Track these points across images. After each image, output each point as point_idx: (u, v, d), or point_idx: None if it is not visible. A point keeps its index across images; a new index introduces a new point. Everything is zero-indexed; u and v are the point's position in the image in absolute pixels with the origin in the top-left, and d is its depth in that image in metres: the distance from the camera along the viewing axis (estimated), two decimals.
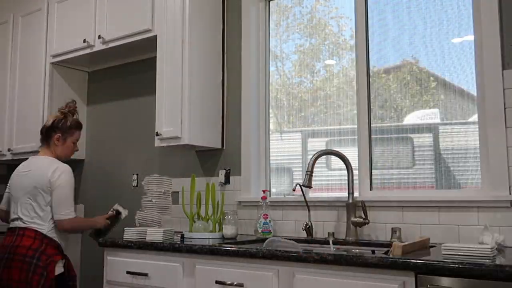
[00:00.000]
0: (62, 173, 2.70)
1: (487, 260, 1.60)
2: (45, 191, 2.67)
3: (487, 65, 2.26)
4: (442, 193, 2.40)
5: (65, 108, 2.92)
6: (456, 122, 2.45)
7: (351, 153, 2.68)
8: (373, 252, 2.32)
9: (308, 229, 2.62)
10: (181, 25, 2.91)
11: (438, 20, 2.53)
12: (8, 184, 2.90)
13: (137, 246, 2.48)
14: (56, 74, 3.66)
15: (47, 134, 2.84)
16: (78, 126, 2.93)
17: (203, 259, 2.25)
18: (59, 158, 2.83)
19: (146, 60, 3.53)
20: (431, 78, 2.53)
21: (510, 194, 2.15)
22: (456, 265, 1.58)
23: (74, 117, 2.92)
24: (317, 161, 2.48)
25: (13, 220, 2.73)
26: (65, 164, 2.76)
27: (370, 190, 2.61)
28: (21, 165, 2.86)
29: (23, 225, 2.65)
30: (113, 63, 3.71)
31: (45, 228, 2.64)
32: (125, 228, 2.69)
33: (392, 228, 2.35)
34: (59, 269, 2.60)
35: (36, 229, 2.62)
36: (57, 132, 2.83)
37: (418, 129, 2.55)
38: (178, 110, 2.86)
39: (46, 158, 2.78)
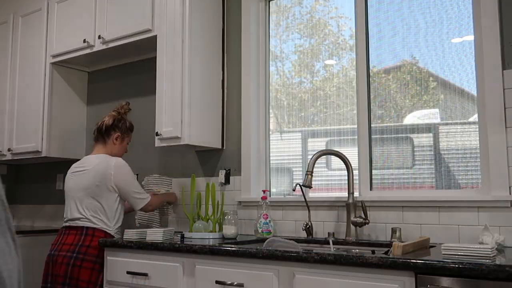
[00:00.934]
0: (122, 168, 2.76)
1: (487, 260, 1.60)
2: (109, 189, 2.71)
3: (487, 65, 2.26)
4: (442, 193, 2.40)
5: (121, 109, 2.99)
6: (456, 122, 2.45)
7: (351, 153, 2.68)
8: (373, 252, 2.32)
9: (308, 229, 2.62)
10: (181, 25, 2.91)
11: (438, 20, 2.53)
12: (63, 187, 2.93)
13: (137, 246, 2.48)
14: (56, 74, 3.66)
15: (106, 132, 2.88)
16: (132, 128, 3.04)
17: (203, 259, 2.25)
18: (113, 156, 2.87)
19: (146, 60, 3.53)
20: (431, 78, 2.53)
21: (510, 194, 2.15)
22: (456, 265, 1.58)
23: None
24: (317, 161, 2.48)
25: (73, 219, 2.72)
26: (119, 158, 2.83)
27: (370, 190, 2.61)
28: (75, 164, 2.87)
29: (91, 225, 2.68)
30: (113, 63, 3.71)
31: (112, 230, 2.72)
32: (125, 229, 2.69)
33: (392, 228, 2.35)
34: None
35: (106, 230, 2.69)
36: (116, 132, 2.90)
37: (418, 129, 2.54)
38: (178, 110, 2.86)
39: (100, 156, 2.81)
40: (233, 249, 2.12)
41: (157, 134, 2.92)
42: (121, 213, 2.79)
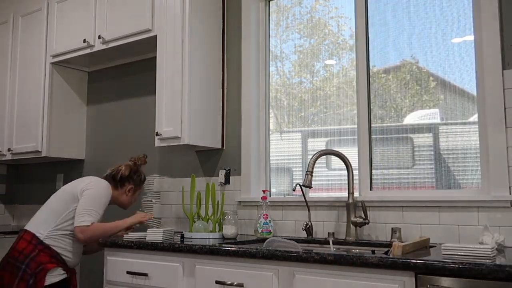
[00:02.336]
0: (96, 183, 2.63)
1: (487, 260, 1.60)
2: (74, 195, 2.59)
3: (487, 65, 2.26)
4: (442, 193, 2.40)
5: (138, 160, 2.90)
6: (456, 122, 2.45)
7: (351, 153, 2.68)
8: (373, 252, 2.32)
9: (308, 229, 2.61)
10: (181, 25, 2.91)
11: (438, 20, 2.53)
12: None
13: (137, 246, 2.48)
14: (56, 74, 3.66)
15: (120, 181, 2.79)
16: (145, 181, 2.95)
17: (203, 259, 2.25)
18: (118, 203, 2.82)
19: (146, 60, 3.53)
20: (431, 78, 2.53)
21: (510, 194, 2.15)
22: (456, 265, 1.57)
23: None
24: (317, 161, 2.48)
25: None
26: (104, 180, 2.72)
27: (370, 190, 2.61)
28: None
29: (26, 227, 2.61)
30: (113, 63, 3.71)
31: (43, 233, 2.53)
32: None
33: (392, 228, 2.35)
34: (52, 278, 2.46)
35: (34, 232, 2.53)
36: (130, 184, 2.82)
37: (418, 129, 2.54)
38: (178, 110, 2.86)
39: (94, 178, 2.72)
40: (233, 249, 2.12)
41: (157, 134, 2.92)
42: (69, 223, 2.55)
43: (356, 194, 2.58)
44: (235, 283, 2.10)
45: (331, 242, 2.45)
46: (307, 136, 2.95)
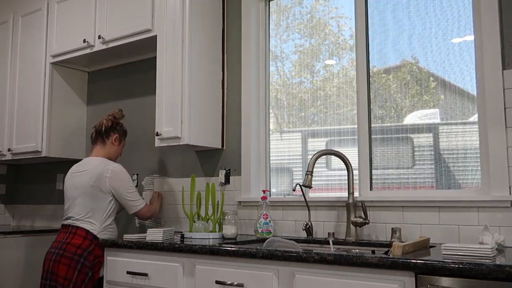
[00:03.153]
0: (119, 173, 2.84)
1: (487, 260, 1.60)
2: (103, 191, 2.79)
3: (487, 65, 2.26)
4: (442, 193, 2.40)
5: (116, 114, 3.09)
6: (456, 122, 2.45)
7: (351, 153, 2.68)
8: (373, 252, 2.32)
9: (308, 229, 2.62)
10: (181, 25, 2.91)
11: (438, 20, 2.53)
12: (63, 187, 3.00)
13: (137, 246, 2.48)
14: (56, 74, 3.66)
15: (106, 133, 2.98)
16: (126, 134, 3.15)
17: (203, 259, 2.25)
18: (110, 158, 2.98)
19: (146, 60, 3.53)
20: (431, 78, 2.53)
21: (510, 194, 2.15)
22: (456, 265, 1.58)
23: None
24: (317, 161, 2.48)
25: (67, 218, 2.84)
26: (117, 164, 2.90)
27: (370, 190, 2.61)
28: (74, 166, 2.97)
29: (76, 224, 2.77)
30: (113, 63, 3.71)
31: (96, 229, 2.76)
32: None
33: (392, 228, 2.35)
34: (101, 272, 2.72)
35: (88, 229, 2.74)
36: (115, 133, 3.02)
37: (418, 129, 2.55)
38: (178, 110, 2.86)
39: (100, 159, 2.90)
40: (233, 249, 2.12)
41: (157, 134, 2.92)
42: (111, 214, 2.84)
43: (356, 194, 2.58)
44: (235, 283, 2.10)
45: (331, 242, 2.45)
46: (307, 136, 2.95)
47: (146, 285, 2.44)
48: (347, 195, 2.54)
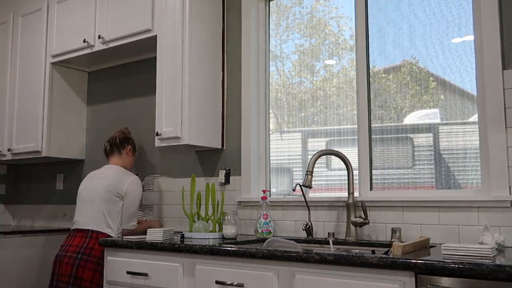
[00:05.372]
0: (136, 186, 2.97)
1: (487, 260, 1.60)
2: (118, 196, 2.88)
3: (487, 65, 2.26)
4: (442, 193, 2.40)
5: (124, 130, 3.25)
6: (456, 122, 2.45)
7: (351, 153, 2.68)
8: (373, 252, 2.32)
9: (308, 229, 2.62)
10: (181, 25, 2.91)
11: (438, 20, 2.53)
12: (79, 190, 3.04)
13: (137, 246, 2.48)
14: (56, 74, 3.66)
15: (121, 144, 3.15)
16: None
17: (203, 259, 2.25)
18: (126, 168, 3.14)
19: (146, 60, 3.53)
20: (431, 78, 2.53)
21: (510, 194, 2.15)
22: (456, 265, 1.58)
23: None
24: (317, 161, 2.48)
25: (82, 222, 2.88)
26: (136, 177, 3.02)
27: (370, 190, 2.61)
28: (92, 172, 3.06)
29: (96, 228, 2.83)
30: (113, 63, 3.71)
31: (114, 233, 2.85)
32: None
33: (392, 228, 2.35)
34: None
35: (109, 234, 2.83)
36: (129, 144, 3.18)
37: (418, 129, 2.55)
38: (178, 110, 2.86)
39: (119, 168, 3.04)
40: (233, 249, 2.12)
41: (157, 134, 2.92)
42: (121, 220, 2.90)
43: (356, 194, 2.58)
44: (235, 283, 2.10)
45: (331, 242, 2.45)
46: (307, 136, 2.95)
47: (146, 285, 2.44)
48: (347, 195, 2.54)
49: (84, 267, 2.71)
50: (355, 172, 2.59)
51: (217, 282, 2.16)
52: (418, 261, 1.66)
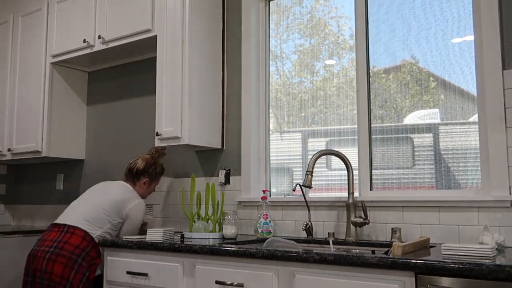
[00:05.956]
0: (140, 210, 2.89)
1: (487, 260, 1.60)
2: (118, 214, 2.83)
3: (487, 65, 2.26)
4: (442, 193, 2.40)
5: (155, 153, 3.09)
6: (456, 122, 2.45)
7: (351, 153, 2.68)
8: (373, 252, 2.32)
9: (308, 229, 2.61)
10: (181, 25, 2.91)
11: (438, 20, 2.53)
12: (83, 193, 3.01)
13: (137, 246, 2.48)
14: (56, 74, 3.66)
15: (136, 175, 3.00)
16: (163, 172, 3.12)
17: (203, 259, 2.25)
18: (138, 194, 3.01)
19: (146, 60, 3.53)
20: (431, 78, 2.53)
21: (510, 194, 2.15)
22: (456, 265, 1.58)
23: (160, 162, 3.12)
24: (317, 161, 2.48)
25: (62, 218, 2.83)
26: (142, 201, 2.93)
27: (370, 190, 2.61)
28: (107, 181, 3.03)
29: (74, 224, 2.75)
30: (113, 63, 3.71)
31: (95, 233, 2.76)
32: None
33: (392, 228, 2.35)
34: (97, 271, 2.75)
35: (87, 230, 2.73)
36: (145, 177, 3.01)
37: (418, 129, 2.55)
38: (178, 110, 2.86)
39: (132, 189, 2.94)
40: (233, 249, 2.12)
41: (157, 134, 2.92)
42: (112, 232, 2.85)
43: (356, 194, 2.58)
44: (235, 283, 2.10)
45: (331, 242, 2.45)
46: (307, 136, 2.95)
47: (146, 285, 2.44)
48: (347, 195, 2.53)
49: (54, 260, 2.61)
50: (355, 172, 2.59)
51: (217, 282, 2.16)
52: (418, 261, 1.65)
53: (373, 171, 2.63)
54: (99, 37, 3.28)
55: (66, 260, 2.63)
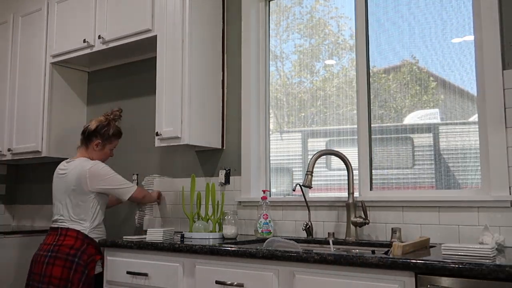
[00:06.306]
0: (97, 171, 2.78)
1: (487, 260, 1.60)
2: (85, 192, 2.76)
3: (487, 65, 2.26)
4: (442, 193, 2.40)
5: (110, 115, 3.00)
6: (456, 122, 2.45)
7: (351, 153, 2.68)
8: (373, 252, 2.32)
9: (308, 229, 2.62)
10: (181, 25, 2.91)
11: (438, 20, 2.53)
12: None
13: (137, 246, 2.48)
14: (56, 74, 3.66)
15: (88, 137, 2.91)
16: (118, 135, 3.01)
17: (203, 259, 2.25)
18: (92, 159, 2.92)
19: (146, 60, 3.53)
20: (431, 78, 2.53)
21: (510, 194, 2.15)
22: (456, 265, 1.58)
23: (116, 123, 3.01)
24: (317, 161, 2.48)
25: (56, 220, 2.83)
26: (96, 162, 2.84)
27: (370, 190, 2.61)
28: (59, 166, 2.92)
29: (65, 225, 2.76)
30: (113, 63, 3.71)
31: (87, 228, 2.75)
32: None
33: (392, 228, 2.35)
34: (98, 268, 2.73)
35: (78, 229, 2.73)
36: (97, 138, 2.90)
37: (418, 129, 2.55)
38: (178, 110, 2.86)
39: (79, 160, 2.84)
40: (233, 249, 2.12)
41: (157, 134, 2.92)
42: (99, 213, 2.82)
43: (356, 194, 2.58)
44: (235, 283, 2.10)
45: (331, 242, 2.45)
46: (307, 136, 2.95)
47: (146, 285, 2.44)
48: (347, 195, 2.53)
49: (53, 264, 2.64)
50: (355, 172, 2.59)
51: (217, 282, 2.16)
52: (418, 261, 1.66)
53: (373, 171, 2.63)
54: (99, 37, 3.28)
55: (64, 262, 2.65)
